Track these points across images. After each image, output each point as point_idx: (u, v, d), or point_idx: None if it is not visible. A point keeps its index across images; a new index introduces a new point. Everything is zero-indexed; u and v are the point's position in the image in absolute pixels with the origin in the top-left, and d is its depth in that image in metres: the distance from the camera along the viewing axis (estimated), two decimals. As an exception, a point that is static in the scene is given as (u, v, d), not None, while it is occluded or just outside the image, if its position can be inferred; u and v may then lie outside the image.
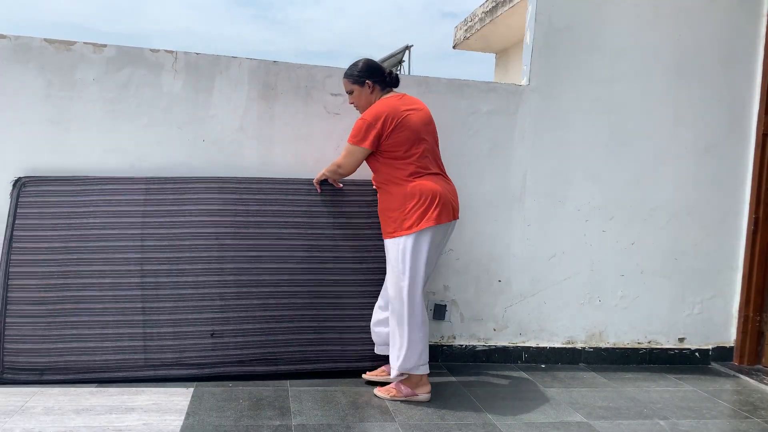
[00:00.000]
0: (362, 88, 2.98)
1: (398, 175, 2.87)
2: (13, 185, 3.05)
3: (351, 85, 3.00)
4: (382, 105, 2.89)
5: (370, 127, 2.84)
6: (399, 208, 2.84)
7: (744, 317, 3.82)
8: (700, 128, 3.75)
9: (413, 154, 2.87)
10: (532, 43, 3.54)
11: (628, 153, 3.68)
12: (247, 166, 3.31)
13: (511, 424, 2.74)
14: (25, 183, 3.05)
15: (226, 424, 2.55)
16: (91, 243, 3.02)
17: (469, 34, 7.75)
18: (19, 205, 3.02)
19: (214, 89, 3.27)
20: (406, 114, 2.88)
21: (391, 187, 2.88)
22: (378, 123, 2.83)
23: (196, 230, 3.10)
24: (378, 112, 2.86)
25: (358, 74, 2.96)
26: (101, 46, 3.16)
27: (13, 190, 3.04)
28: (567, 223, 3.64)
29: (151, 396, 2.78)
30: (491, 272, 3.59)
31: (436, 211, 2.80)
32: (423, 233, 2.81)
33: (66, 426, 2.44)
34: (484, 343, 3.61)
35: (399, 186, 2.86)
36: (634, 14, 3.63)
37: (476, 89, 3.51)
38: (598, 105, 3.63)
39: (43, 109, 3.12)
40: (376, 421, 2.68)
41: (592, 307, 3.71)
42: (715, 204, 3.80)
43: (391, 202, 2.88)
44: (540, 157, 3.59)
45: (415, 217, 2.80)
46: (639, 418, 2.91)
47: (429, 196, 2.82)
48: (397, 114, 2.85)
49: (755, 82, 3.80)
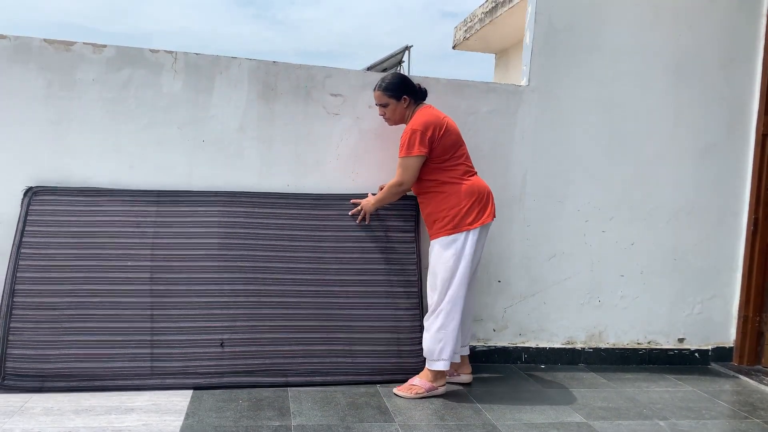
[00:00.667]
0: (398, 102, 3.10)
1: (453, 176, 3.03)
2: (24, 194, 3.05)
3: (387, 99, 3.10)
4: (426, 115, 3.04)
5: (423, 136, 2.97)
6: (457, 205, 2.99)
7: (744, 317, 3.82)
8: (700, 128, 3.75)
9: (461, 155, 3.07)
10: (531, 43, 3.54)
11: (627, 153, 3.68)
12: (247, 167, 3.31)
13: (510, 424, 2.74)
14: (36, 192, 3.05)
15: (225, 424, 2.55)
16: (101, 251, 3.02)
17: (468, 34, 7.75)
18: (29, 213, 3.02)
19: (214, 89, 3.27)
20: (447, 120, 3.07)
21: (446, 188, 3.02)
22: (429, 131, 2.97)
23: (206, 241, 3.12)
24: (426, 122, 3.00)
25: (396, 89, 3.08)
26: (101, 46, 3.16)
27: (24, 198, 3.04)
28: (567, 224, 3.64)
29: (150, 396, 2.78)
30: (491, 272, 3.59)
31: (492, 207, 3.05)
32: (484, 228, 3.03)
33: (65, 426, 2.44)
34: (484, 343, 3.61)
35: (455, 185, 3.01)
36: (634, 14, 3.63)
37: (476, 89, 3.51)
38: (598, 105, 3.63)
39: (42, 109, 3.12)
40: (376, 421, 2.68)
41: (591, 308, 3.71)
42: (714, 204, 3.80)
43: (447, 201, 3.01)
44: (540, 157, 3.59)
45: (476, 213, 2.99)
46: (638, 418, 2.91)
47: (485, 194, 3.05)
48: (440, 121, 3.03)
49: (755, 82, 3.80)
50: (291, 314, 3.11)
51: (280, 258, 3.17)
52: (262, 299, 3.09)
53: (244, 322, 3.05)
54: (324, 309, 3.15)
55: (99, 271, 2.99)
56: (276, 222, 3.22)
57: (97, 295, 2.96)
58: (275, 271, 3.15)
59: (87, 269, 2.99)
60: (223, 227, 3.15)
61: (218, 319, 3.03)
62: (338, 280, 3.20)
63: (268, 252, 3.16)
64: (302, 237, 3.22)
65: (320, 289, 3.17)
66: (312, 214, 3.27)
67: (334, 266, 3.21)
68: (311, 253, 3.21)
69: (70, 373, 2.84)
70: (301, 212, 3.26)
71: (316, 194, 3.31)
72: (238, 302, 3.07)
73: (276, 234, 3.20)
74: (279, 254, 3.17)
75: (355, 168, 3.41)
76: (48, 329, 2.88)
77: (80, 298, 2.94)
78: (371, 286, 3.23)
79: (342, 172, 3.40)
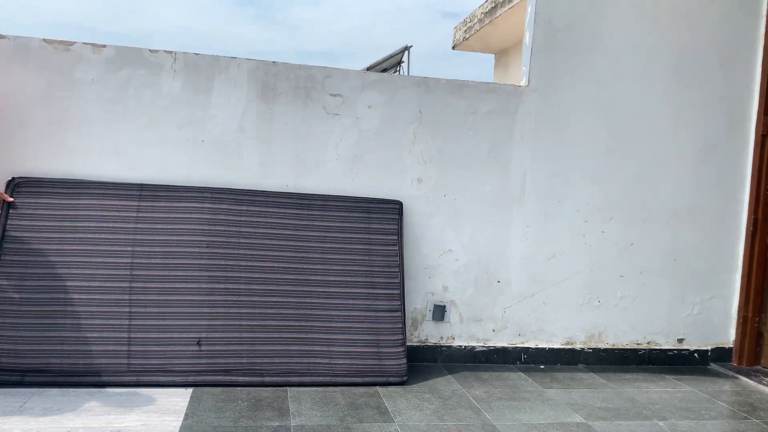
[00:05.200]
0: None
1: None
2: (6, 185, 3.05)
3: None
4: None
5: None
6: None
7: (743, 318, 3.82)
8: (700, 129, 3.75)
9: None
10: (531, 43, 3.54)
11: (627, 153, 3.68)
12: (246, 167, 3.31)
13: (510, 425, 2.74)
14: (19, 184, 3.05)
15: (225, 425, 2.55)
16: (81, 246, 3.02)
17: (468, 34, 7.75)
18: (11, 205, 3.02)
19: (214, 89, 3.27)
20: None
21: None
22: None
23: (187, 238, 3.11)
24: None
25: None
26: (100, 46, 3.16)
27: (6, 190, 3.04)
28: (566, 224, 3.64)
29: (150, 397, 2.77)
30: (490, 273, 3.59)
31: None
32: None
33: (64, 427, 2.43)
34: (484, 343, 3.61)
35: None
36: (634, 14, 3.63)
37: (476, 90, 3.51)
38: (597, 105, 3.63)
39: (42, 109, 3.11)
40: (375, 422, 2.68)
41: (591, 308, 3.71)
42: (714, 205, 3.80)
43: None
44: (539, 157, 3.59)
45: None
46: (638, 418, 2.91)
47: None
48: None
49: (755, 82, 3.80)
50: (269, 314, 3.11)
51: (262, 257, 3.17)
52: (241, 298, 3.09)
53: (223, 321, 3.05)
54: (303, 309, 3.16)
55: (79, 267, 2.99)
56: (259, 220, 3.21)
57: (77, 291, 2.96)
58: (255, 270, 3.15)
59: (67, 264, 2.98)
60: (206, 224, 3.15)
61: (196, 317, 3.02)
62: (319, 280, 3.20)
63: (249, 251, 3.16)
64: (285, 236, 3.22)
65: (301, 289, 3.17)
66: (296, 214, 3.27)
67: (316, 267, 3.21)
68: (293, 253, 3.21)
69: (48, 369, 2.85)
70: (284, 211, 3.26)
71: (300, 194, 3.31)
72: (217, 301, 3.06)
73: (258, 232, 3.20)
74: (260, 253, 3.17)
75: (354, 168, 3.41)
76: (28, 324, 2.88)
77: (59, 294, 2.94)
78: (352, 288, 3.23)
79: (341, 172, 3.40)
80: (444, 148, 3.48)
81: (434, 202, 3.48)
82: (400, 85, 3.43)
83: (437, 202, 3.49)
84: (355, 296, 3.22)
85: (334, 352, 3.13)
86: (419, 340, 3.55)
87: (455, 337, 3.58)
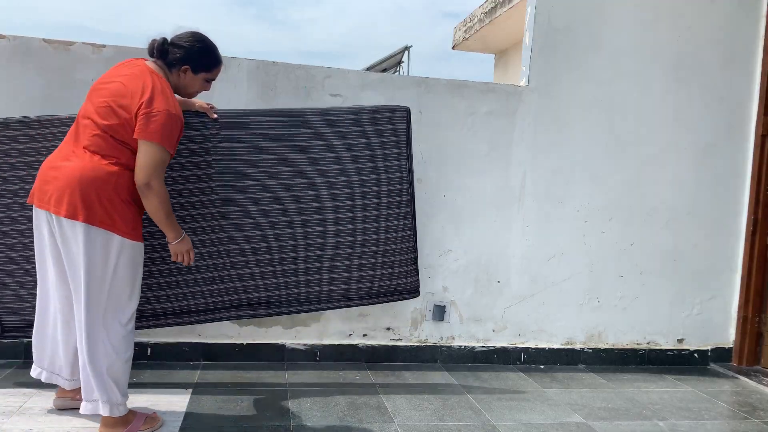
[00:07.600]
0: None
1: None
2: None
3: None
4: None
5: None
6: None
7: (743, 318, 3.82)
8: (700, 128, 3.75)
9: None
10: (531, 43, 3.54)
11: (627, 153, 3.68)
12: (246, 167, 3.30)
13: (510, 425, 2.74)
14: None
15: (224, 424, 2.55)
16: None
17: (468, 34, 7.76)
18: None
19: (213, 89, 3.26)
20: None
21: None
22: None
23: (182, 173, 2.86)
24: None
25: None
26: (100, 46, 3.16)
27: None
28: (566, 224, 3.64)
29: (150, 397, 2.77)
30: (490, 273, 3.59)
31: None
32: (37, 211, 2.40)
33: (64, 427, 2.43)
34: (483, 344, 3.61)
35: None
36: (634, 14, 3.63)
37: (475, 90, 3.51)
38: (597, 105, 3.63)
39: (42, 109, 3.11)
40: (375, 422, 2.68)
41: (591, 308, 3.71)
42: (714, 205, 3.80)
43: None
44: (539, 157, 3.59)
45: None
46: (638, 419, 2.91)
47: None
48: None
49: (755, 82, 3.80)
50: (276, 247, 3.01)
51: (263, 187, 2.98)
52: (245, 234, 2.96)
53: (229, 258, 2.96)
54: (311, 238, 3.04)
55: None
56: (257, 145, 2.97)
57: None
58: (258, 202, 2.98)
59: None
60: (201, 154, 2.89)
61: (202, 257, 2.91)
62: (325, 206, 3.05)
63: (249, 181, 2.96)
64: (285, 161, 3.00)
65: (307, 217, 3.03)
66: (295, 134, 3.02)
67: (322, 191, 3.04)
68: (296, 178, 3.02)
69: None
70: (283, 132, 3.00)
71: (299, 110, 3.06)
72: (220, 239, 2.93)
73: (257, 160, 2.97)
74: (261, 182, 2.98)
75: (354, 168, 3.40)
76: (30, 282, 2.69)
77: None
78: (361, 211, 3.10)
79: (341, 173, 3.39)
80: (444, 148, 3.48)
81: (434, 202, 3.48)
82: (400, 85, 3.43)
83: (437, 202, 3.49)
84: (365, 220, 3.11)
85: (349, 278, 3.10)
86: (419, 340, 3.55)
87: (455, 337, 3.59)
